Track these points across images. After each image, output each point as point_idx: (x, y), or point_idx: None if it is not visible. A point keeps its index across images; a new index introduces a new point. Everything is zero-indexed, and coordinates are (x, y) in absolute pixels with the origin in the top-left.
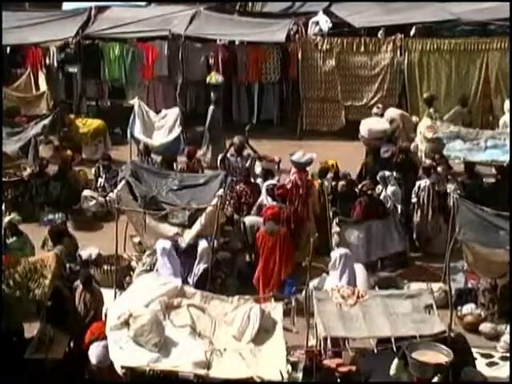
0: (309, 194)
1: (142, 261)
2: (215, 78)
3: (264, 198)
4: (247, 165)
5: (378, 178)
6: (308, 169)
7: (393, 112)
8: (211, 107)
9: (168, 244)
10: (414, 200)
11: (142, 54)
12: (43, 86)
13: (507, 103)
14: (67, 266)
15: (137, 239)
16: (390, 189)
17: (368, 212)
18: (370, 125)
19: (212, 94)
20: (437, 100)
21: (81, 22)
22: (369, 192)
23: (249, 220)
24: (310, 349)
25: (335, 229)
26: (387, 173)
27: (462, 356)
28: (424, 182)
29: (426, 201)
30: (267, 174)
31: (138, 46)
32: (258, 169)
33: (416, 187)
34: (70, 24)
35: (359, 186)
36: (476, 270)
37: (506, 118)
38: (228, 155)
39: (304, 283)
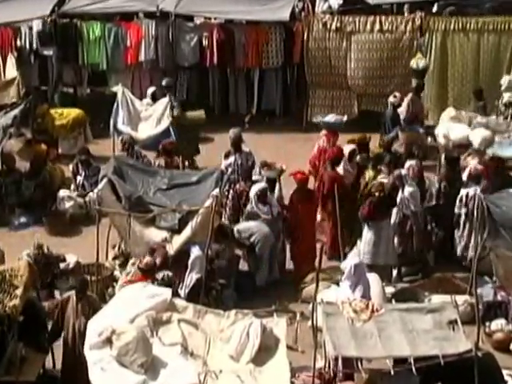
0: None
1: (126, 270)
2: (416, 62)
3: (254, 205)
4: (250, 163)
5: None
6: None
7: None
8: (409, 96)
9: None
10: (463, 211)
11: (126, 34)
12: (13, 72)
13: None
14: None
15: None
16: (408, 189)
17: (378, 213)
18: (451, 130)
19: (412, 80)
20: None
21: None
22: (377, 193)
23: (238, 228)
24: (317, 370)
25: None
26: (403, 171)
27: (491, 378)
28: (473, 190)
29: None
30: (270, 184)
31: (121, 26)
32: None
33: (463, 196)
34: (44, 1)
35: (368, 187)
36: (509, 285)
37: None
38: None
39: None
